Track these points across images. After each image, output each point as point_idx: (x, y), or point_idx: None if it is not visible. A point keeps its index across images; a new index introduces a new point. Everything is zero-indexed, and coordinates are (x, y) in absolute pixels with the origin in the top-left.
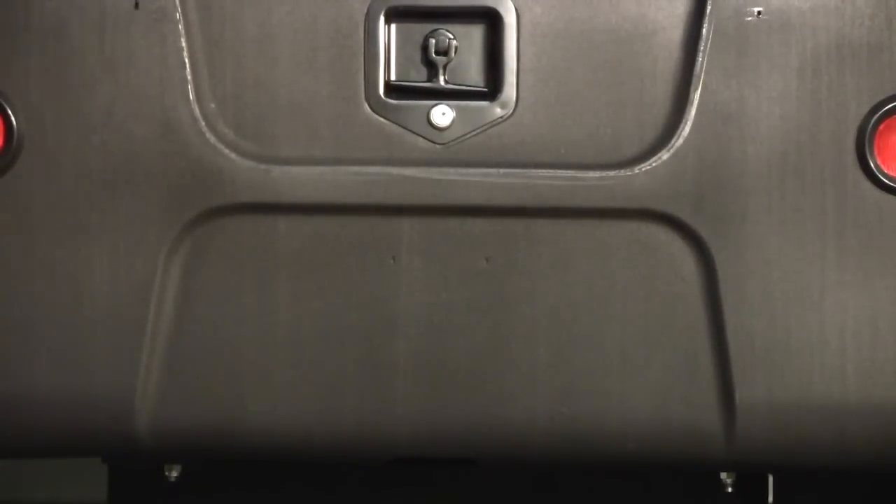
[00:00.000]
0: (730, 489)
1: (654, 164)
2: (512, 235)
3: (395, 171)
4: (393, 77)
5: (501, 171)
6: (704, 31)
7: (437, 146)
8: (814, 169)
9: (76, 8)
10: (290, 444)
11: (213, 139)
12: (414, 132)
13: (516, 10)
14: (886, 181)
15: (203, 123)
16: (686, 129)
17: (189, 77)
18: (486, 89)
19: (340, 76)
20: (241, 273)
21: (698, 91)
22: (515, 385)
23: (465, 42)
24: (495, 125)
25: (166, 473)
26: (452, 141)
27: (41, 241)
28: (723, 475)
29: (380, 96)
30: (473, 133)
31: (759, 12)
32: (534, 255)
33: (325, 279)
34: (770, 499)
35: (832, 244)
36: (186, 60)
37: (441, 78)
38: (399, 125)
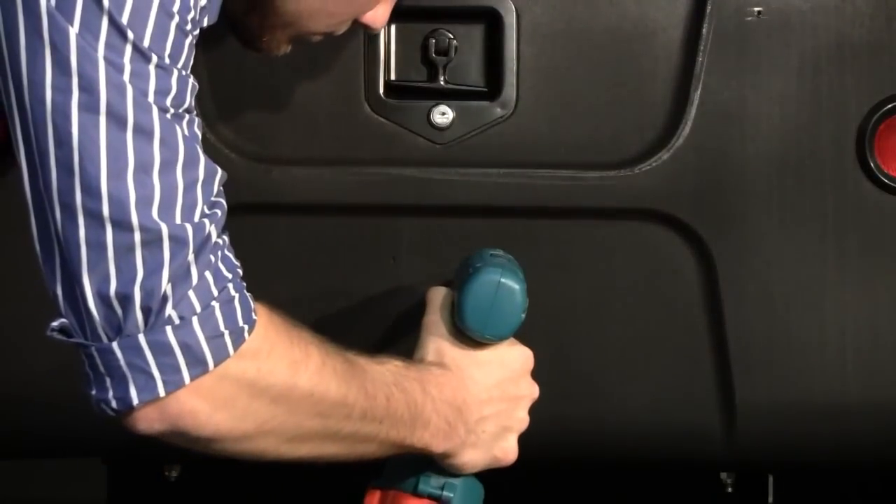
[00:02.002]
0: (730, 489)
1: (654, 164)
2: (512, 235)
3: (395, 171)
4: (393, 77)
5: (501, 171)
6: (704, 30)
7: (437, 146)
8: (814, 169)
9: None
10: None
11: (213, 139)
12: (414, 132)
13: (516, 10)
14: (886, 181)
15: (204, 124)
16: (686, 128)
17: None
18: (486, 89)
19: (340, 76)
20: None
21: (698, 91)
22: None
23: (465, 42)
24: (495, 125)
25: (166, 473)
26: (452, 141)
27: None
28: (723, 475)
29: (380, 96)
30: (473, 133)
31: (759, 12)
32: (534, 255)
33: (324, 279)
34: (770, 499)
35: (832, 244)
36: None
37: (441, 78)
38: (399, 125)
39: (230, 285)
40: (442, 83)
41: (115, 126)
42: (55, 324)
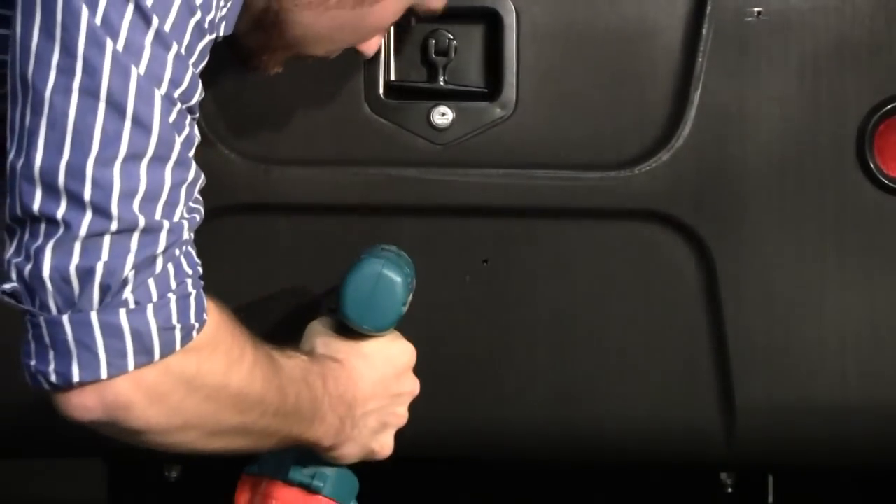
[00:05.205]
0: (730, 489)
1: (654, 165)
2: (512, 235)
3: (394, 171)
4: (393, 77)
5: (501, 171)
6: (704, 31)
7: (437, 146)
8: (814, 169)
9: None
10: None
11: (213, 139)
12: (414, 133)
13: (516, 10)
14: (886, 181)
15: (203, 124)
16: (686, 129)
17: None
18: (485, 90)
19: (340, 76)
20: (241, 273)
21: (698, 91)
22: (515, 385)
23: (465, 42)
24: (495, 126)
25: (166, 473)
26: (452, 141)
27: None
28: (723, 475)
29: (380, 96)
30: (473, 133)
31: (759, 13)
32: (534, 256)
33: (324, 279)
34: (770, 499)
35: (832, 244)
36: None
37: (441, 78)
38: (399, 125)
39: (189, 281)
40: (442, 84)
41: (113, 113)
42: (7, 287)
